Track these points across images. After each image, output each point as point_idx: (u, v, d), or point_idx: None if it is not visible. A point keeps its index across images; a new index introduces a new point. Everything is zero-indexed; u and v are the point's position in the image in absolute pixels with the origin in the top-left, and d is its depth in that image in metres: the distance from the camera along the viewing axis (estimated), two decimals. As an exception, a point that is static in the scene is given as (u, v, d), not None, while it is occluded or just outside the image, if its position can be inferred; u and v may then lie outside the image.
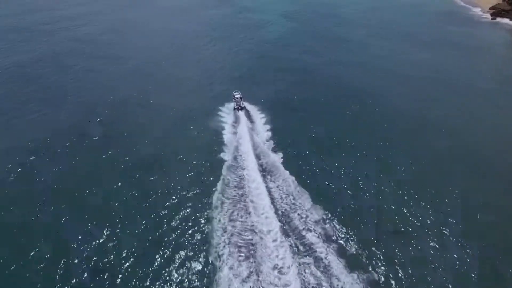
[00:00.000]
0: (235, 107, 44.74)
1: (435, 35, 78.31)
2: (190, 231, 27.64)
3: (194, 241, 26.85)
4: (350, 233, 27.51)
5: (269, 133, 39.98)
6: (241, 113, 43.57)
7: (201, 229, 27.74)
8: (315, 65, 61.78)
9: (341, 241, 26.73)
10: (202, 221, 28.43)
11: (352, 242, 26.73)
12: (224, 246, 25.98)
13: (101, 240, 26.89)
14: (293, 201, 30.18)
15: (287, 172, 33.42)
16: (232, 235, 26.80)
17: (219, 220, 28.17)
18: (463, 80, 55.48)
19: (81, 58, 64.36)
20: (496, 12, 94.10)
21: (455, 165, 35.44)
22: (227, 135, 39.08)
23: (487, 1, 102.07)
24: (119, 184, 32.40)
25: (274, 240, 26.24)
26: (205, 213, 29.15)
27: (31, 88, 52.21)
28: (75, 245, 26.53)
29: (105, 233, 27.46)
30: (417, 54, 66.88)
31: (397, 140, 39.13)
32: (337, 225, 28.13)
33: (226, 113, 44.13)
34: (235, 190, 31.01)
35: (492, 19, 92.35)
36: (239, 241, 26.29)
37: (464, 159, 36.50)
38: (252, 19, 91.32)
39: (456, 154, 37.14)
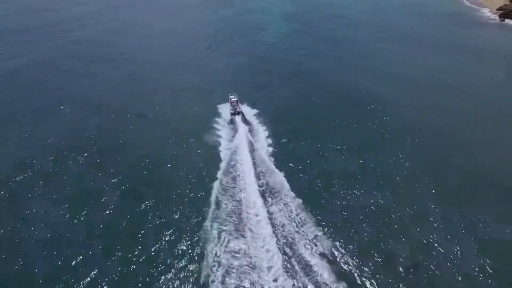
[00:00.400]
0: (232, 111, 42.23)
1: (442, 38, 75.08)
2: (181, 267, 24.42)
3: (185, 278, 23.64)
4: (364, 269, 24.31)
5: (271, 148, 36.76)
6: (239, 121, 40.61)
7: (193, 265, 24.52)
8: (319, 69, 58.58)
9: (353, 280, 23.53)
10: (195, 255, 25.22)
11: (367, 281, 23.53)
12: (218, 287, 22.81)
13: (85, 280, 23.66)
14: (296, 229, 26.99)
15: (291, 194, 30.15)
16: (227, 272, 23.60)
17: (214, 254, 24.95)
18: (473, 86, 52.19)
19: (77, 62, 61.15)
20: (504, 13, 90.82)
21: (474, 187, 32.18)
22: (223, 152, 35.73)
23: (494, 2, 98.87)
24: (106, 212, 29.15)
25: (275, 280, 23.05)
26: (199, 244, 25.93)
27: (23, 96, 48.98)
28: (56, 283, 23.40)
29: (88, 270, 24.27)
30: (424, 58, 63.63)
31: (412, 157, 35.84)
32: (348, 260, 24.93)
33: (223, 125, 40.87)
34: (232, 217, 27.77)
35: (500, 20, 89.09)
36: (236, 280, 23.10)
37: (483, 179, 33.20)
38: (253, 21, 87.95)
39: (473, 173, 33.85)
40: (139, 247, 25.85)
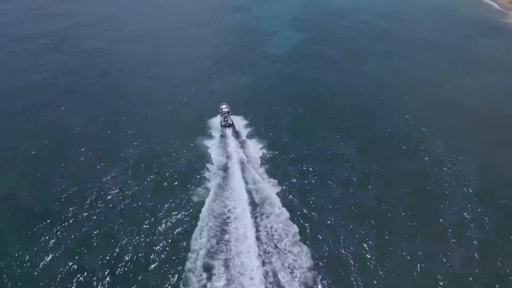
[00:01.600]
0: (222, 123, 39.32)
1: (472, 52, 66.84)
2: None
3: None
4: None
5: (277, 199, 30.42)
6: (233, 148, 36.58)
7: None
8: (342, 89, 51.99)
9: None
10: None
11: None
12: None
13: None
14: None
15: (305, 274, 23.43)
16: None
17: None
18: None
19: (68, 77, 54.86)
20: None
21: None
22: (215, 213, 28.79)
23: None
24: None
25: None
26: None
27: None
28: None
29: None
30: (456, 77, 56.75)
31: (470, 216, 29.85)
32: None
33: (215, 172, 33.99)
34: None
35: (534, 28, 79.96)
36: None
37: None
38: (263, 30, 79.69)
39: None
40: None
